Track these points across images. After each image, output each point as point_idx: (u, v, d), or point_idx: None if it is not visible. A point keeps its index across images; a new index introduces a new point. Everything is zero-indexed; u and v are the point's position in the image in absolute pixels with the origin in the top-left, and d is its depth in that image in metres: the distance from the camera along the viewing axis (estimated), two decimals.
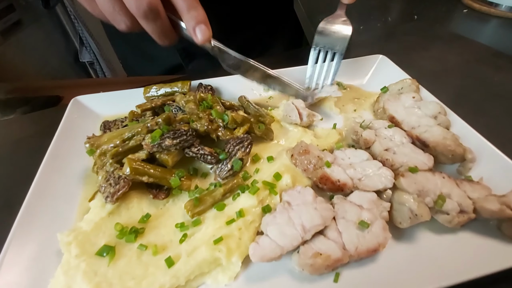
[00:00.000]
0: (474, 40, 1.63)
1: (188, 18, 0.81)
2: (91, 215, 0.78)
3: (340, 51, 1.12)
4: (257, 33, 1.81)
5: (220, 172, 0.90)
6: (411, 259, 0.72)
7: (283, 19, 1.94)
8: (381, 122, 1.02)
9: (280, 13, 1.90)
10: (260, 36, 1.84)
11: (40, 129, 1.24)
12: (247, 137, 0.92)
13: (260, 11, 1.77)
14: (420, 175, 0.80)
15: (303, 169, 0.89)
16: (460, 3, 2.20)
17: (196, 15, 0.81)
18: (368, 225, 0.73)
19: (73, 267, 0.68)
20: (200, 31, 0.82)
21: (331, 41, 1.12)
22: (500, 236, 0.74)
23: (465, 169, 0.88)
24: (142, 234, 0.77)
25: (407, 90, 1.11)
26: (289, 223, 0.73)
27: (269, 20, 1.84)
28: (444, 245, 0.74)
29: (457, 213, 0.74)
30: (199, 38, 0.83)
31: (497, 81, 1.32)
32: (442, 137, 0.90)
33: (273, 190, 0.82)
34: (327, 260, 0.67)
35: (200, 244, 0.71)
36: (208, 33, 0.83)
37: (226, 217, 0.77)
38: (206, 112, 0.95)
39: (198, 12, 0.81)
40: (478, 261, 0.70)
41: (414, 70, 1.23)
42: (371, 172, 0.85)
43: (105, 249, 0.71)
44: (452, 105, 1.03)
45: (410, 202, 0.74)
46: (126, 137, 0.86)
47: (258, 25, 1.80)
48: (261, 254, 0.68)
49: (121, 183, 0.78)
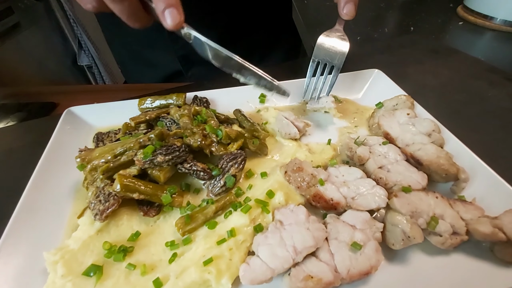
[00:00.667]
0: (468, 54, 1.64)
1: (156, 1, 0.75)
2: (79, 233, 0.76)
3: (337, 66, 1.12)
4: (254, 42, 1.82)
5: (213, 188, 0.89)
6: (404, 281, 0.71)
7: (281, 29, 1.94)
8: (376, 138, 1.02)
9: (278, 22, 1.91)
10: (258, 46, 1.84)
11: (32, 139, 1.22)
12: (240, 153, 0.92)
13: (258, 21, 1.78)
14: (413, 195, 0.79)
15: (297, 187, 0.88)
16: (456, 15, 2.22)
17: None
18: (360, 247, 0.72)
19: (58, 287, 0.67)
20: (169, 14, 0.75)
21: (330, 55, 1.13)
22: (493, 258, 0.74)
23: (459, 189, 0.87)
24: (131, 252, 0.75)
25: (402, 106, 1.11)
26: (281, 244, 0.72)
27: (267, 29, 1.84)
28: (437, 267, 0.73)
29: (450, 234, 0.74)
30: (168, 22, 0.76)
31: (491, 96, 1.33)
32: (436, 156, 0.90)
33: (266, 209, 0.81)
34: (319, 284, 0.66)
35: (190, 264, 0.70)
36: (178, 18, 0.76)
37: (217, 236, 0.76)
38: (200, 127, 0.94)
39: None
40: (471, 283, 0.70)
41: (409, 84, 1.24)
42: (365, 190, 0.85)
43: (92, 268, 0.69)
44: (446, 121, 1.03)
45: (403, 223, 0.73)
46: (118, 152, 0.84)
47: (255, 34, 1.80)
48: (251, 277, 0.67)
49: (111, 201, 0.76)
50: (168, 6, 0.74)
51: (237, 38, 1.72)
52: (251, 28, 1.77)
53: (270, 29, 1.86)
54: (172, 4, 0.75)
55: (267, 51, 1.89)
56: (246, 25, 1.74)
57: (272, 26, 1.86)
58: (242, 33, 1.74)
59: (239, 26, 1.71)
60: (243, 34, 1.75)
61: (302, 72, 1.21)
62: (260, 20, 1.79)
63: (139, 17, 0.79)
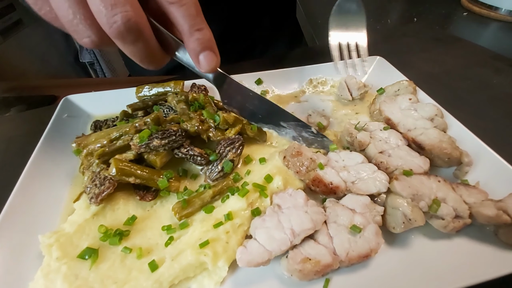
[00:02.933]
0: (473, 42, 1.61)
1: (191, 41, 0.65)
2: (75, 217, 0.76)
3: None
4: (257, 34, 1.80)
5: (210, 173, 0.87)
6: (404, 265, 0.69)
7: (285, 20, 1.92)
8: (377, 124, 1.00)
9: (281, 13, 1.89)
10: (261, 37, 1.82)
11: (31, 128, 1.22)
12: (238, 138, 0.90)
13: (260, 12, 1.76)
14: (414, 179, 0.77)
15: (296, 171, 0.87)
16: (460, 6, 2.18)
17: (202, 37, 0.64)
18: (360, 230, 0.70)
19: (53, 270, 0.66)
20: (205, 58, 0.66)
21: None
22: (497, 242, 0.71)
23: (462, 173, 0.85)
24: (127, 236, 0.74)
25: (403, 92, 1.09)
26: (278, 226, 0.71)
27: (271, 19, 1.82)
28: (438, 251, 0.71)
29: (453, 218, 0.72)
30: (204, 67, 0.67)
31: (496, 83, 1.30)
32: (439, 140, 0.88)
33: (264, 193, 0.80)
34: (317, 266, 0.64)
35: (186, 247, 0.69)
36: (215, 61, 0.68)
37: (214, 219, 0.75)
38: (197, 113, 0.93)
39: (205, 34, 0.65)
40: (474, 268, 0.67)
41: (412, 72, 1.21)
42: (366, 175, 0.83)
43: (87, 251, 0.69)
44: (450, 108, 1.01)
45: (404, 206, 0.71)
46: (114, 137, 0.84)
47: (258, 27, 1.78)
48: (248, 259, 0.66)
49: (106, 184, 0.76)
50: (204, 49, 0.66)
51: (239, 31, 1.70)
52: (254, 20, 1.75)
53: (273, 20, 1.84)
54: (208, 46, 0.66)
55: (270, 42, 1.87)
56: (249, 17, 1.72)
57: (275, 16, 1.84)
58: (244, 25, 1.72)
59: (242, 18, 1.69)
60: (246, 26, 1.73)
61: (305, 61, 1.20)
62: (263, 11, 1.77)
63: (156, 58, 0.67)
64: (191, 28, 0.63)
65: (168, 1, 0.61)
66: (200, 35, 0.64)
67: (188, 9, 0.62)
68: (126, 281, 0.65)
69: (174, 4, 0.61)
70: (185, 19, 0.62)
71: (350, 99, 1.17)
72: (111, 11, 0.53)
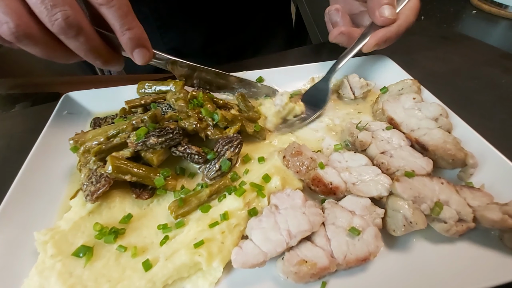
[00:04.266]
0: (481, 41, 1.56)
1: (123, 40, 0.73)
2: (71, 214, 0.75)
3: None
4: (249, 36, 1.79)
5: (208, 172, 0.86)
6: (404, 270, 0.67)
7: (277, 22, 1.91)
8: (379, 123, 0.97)
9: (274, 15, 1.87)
10: (252, 39, 1.81)
11: (33, 124, 1.22)
12: (236, 137, 0.89)
13: (253, 13, 1.74)
14: (416, 180, 0.75)
15: (296, 171, 0.85)
16: (469, 4, 2.13)
17: (133, 36, 0.73)
18: (359, 232, 0.68)
19: (48, 267, 0.65)
20: (138, 54, 0.77)
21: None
22: (501, 247, 0.69)
23: (466, 175, 0.83)
24: (123, 235, 0.74)
25: (407, 91, 1.06)
26: (275, 227, 0.69)
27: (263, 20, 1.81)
28: (440, 256, 0.69)
29: (456, 221, 0.69)
30: (139, 61, 0.79)
31: (504, 83, 1.26)
32: (443, 141, 0.85)
33: (261, 193, 0.78)
34: (313, 268, 0.63)
35: (181, 247, 0.68)
36: (148, 55, 0.79)
37: (210, 219, 0.74)
38: (195, 110, 0.92)
39: (135, 32, 0.73)
40: (477, 274, 0.65)
41: (418, 71, 1.18)
42: (368, 177, 0.81)
43: (82, 249, 0.68)
44: (455, 108, 0.98)
45: (405, 208, 0.69)
46: (111, 135, 0.83)
47: (250, 28, 1.77)
48: (243, 260, 0.64)
49: (102, 182, 0.75)
50: (136, 47, 0.76)
51: (229, 33, 1.69)
52: (245, 21, 1.73)
53: (265, 22, 1.83)
54: (140, 44, 0.75)
55: (262, 43, 1.86)
56: (239, 19, 1.70)
57: (267, 19, 1.83)
58: (233, 28, 1.71)
59: (231, 21, 1.68)
60: (235, 29, 1.72)
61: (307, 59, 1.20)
62: (255, 12, 1.75)
63: (100, 54, 0.75)
64: (122, 28, 0.70)
65: (98, 3, 0.67)
66: (131, 34, 0.72)
67: (117, 10, 0.68)
68: (120, 280, 0.64)
69: (103, 5, 0.67)
70: (115, 19, 0.69)
71: (352, 98, 1.15)
72: (52, 11, 0.61)
